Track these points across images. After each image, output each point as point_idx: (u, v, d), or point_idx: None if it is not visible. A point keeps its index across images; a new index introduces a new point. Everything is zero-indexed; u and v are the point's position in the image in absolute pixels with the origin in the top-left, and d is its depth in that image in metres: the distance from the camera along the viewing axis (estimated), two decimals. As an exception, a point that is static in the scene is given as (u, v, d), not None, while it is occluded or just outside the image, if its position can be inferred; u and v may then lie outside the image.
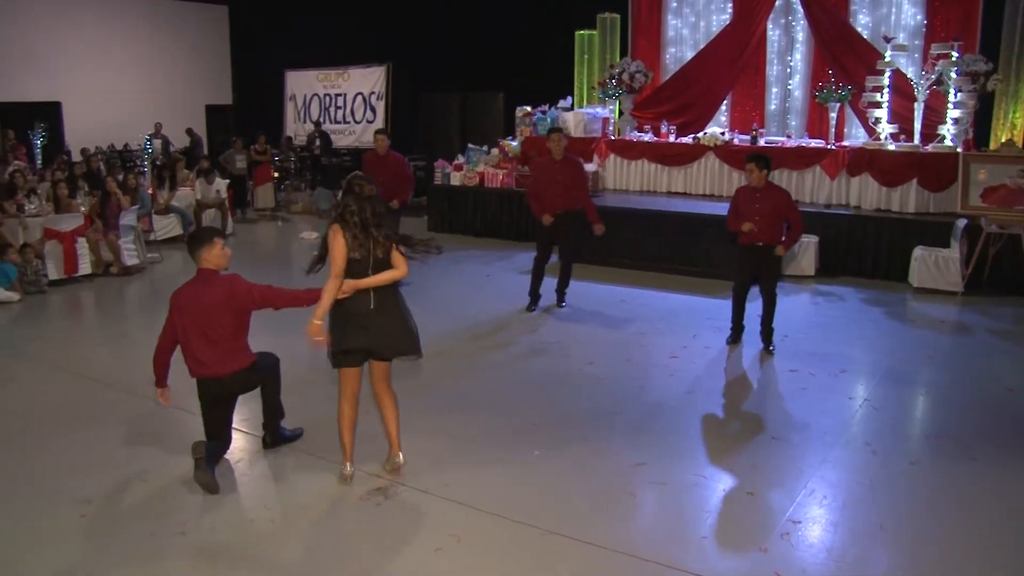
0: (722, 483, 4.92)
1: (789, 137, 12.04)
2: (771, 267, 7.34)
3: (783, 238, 7.20)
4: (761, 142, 11.75)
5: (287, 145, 18.47)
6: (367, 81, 19.48)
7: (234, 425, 5.40)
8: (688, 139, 12.49)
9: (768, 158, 7.36)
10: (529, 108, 13.63)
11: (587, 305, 8.88)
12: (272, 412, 5.37)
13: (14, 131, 16.44)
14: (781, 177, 10.89)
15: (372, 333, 4.66)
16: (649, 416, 5.95)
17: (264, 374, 5.21)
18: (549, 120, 13.13)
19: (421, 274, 9.96)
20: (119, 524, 4.50)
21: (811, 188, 11.19)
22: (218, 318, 4.82)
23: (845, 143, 11.52)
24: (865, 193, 10.77)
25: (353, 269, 4.62)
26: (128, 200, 10.67)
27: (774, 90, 13.00)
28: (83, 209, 10.57)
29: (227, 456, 5.23)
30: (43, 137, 16.17)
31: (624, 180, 12.78)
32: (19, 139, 16.23)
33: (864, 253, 10.25)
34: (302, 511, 4.64)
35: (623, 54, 14.25)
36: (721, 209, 10.52)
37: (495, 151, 13.61)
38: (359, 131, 19.48)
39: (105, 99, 19.11)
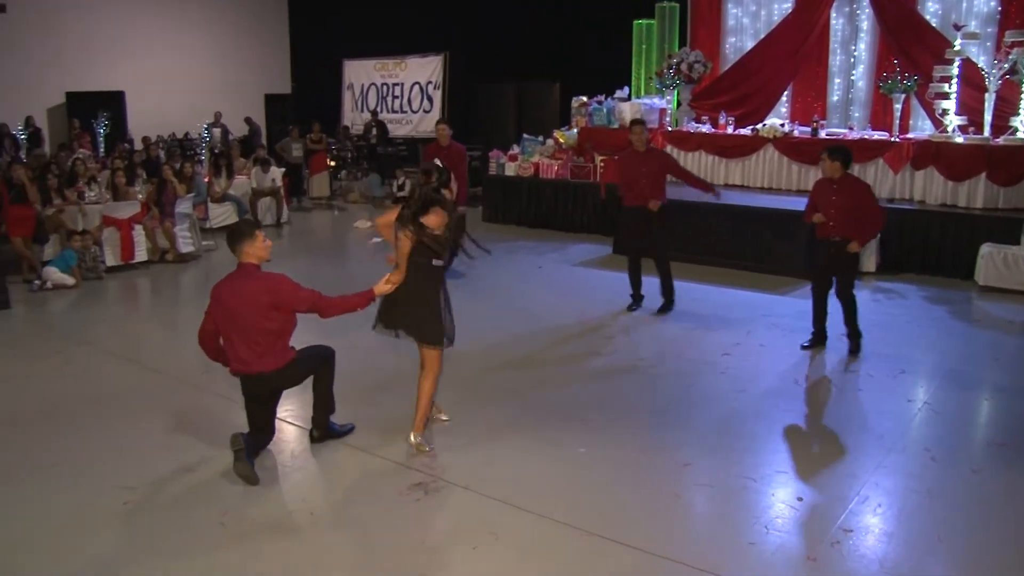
0: (771, 487, 4.75)
1: (851, 129, 11.67)
2: (846, 265, 6.96)
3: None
4: (822, 134, 11.42)
5: (344, 134, 18.57)
6: (424, 70, 19.51)
7: (282, 417, 5.43)
8: (747, 131, 12.21)
9: (844, 149, 6.91)
10: (585, 98, 13.45)
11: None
12: (322, 405, 5.31)
13: (79, 120, 16.84)
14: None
15: (401, 311, 5.04)
16: (698, 415, 5.80)
17: (309, 369, 5.16)
18: (605, 111, 12.96)
19: (473, 265, 9.92)
20: (161, 513, 4.52)
21: (873, 182, 10.76)
22: (256, 315, 4.74)
23: (910, 135, 11.12)
24: (930, 187, 10.41)
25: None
26: (184, 188, 10.81)
27: (837, 80, 12.63)
28: (140, 197, 10.72)
29: (272, 447, 5.22)
30: (106, 126, 16.47)
31: (681, 172, 12.55)
32: (84, 128, 16.60)
33: (928, 249, 9.89)
34: (342, 505, 4.61)
35: (682, 44, 14.01)
36: (780, 202, 10.33)
37: (550, 141, 13.49)
38: (416, 120, 19.54)
39: (167, 88, 19.44)
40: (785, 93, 13.14)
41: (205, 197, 11.90)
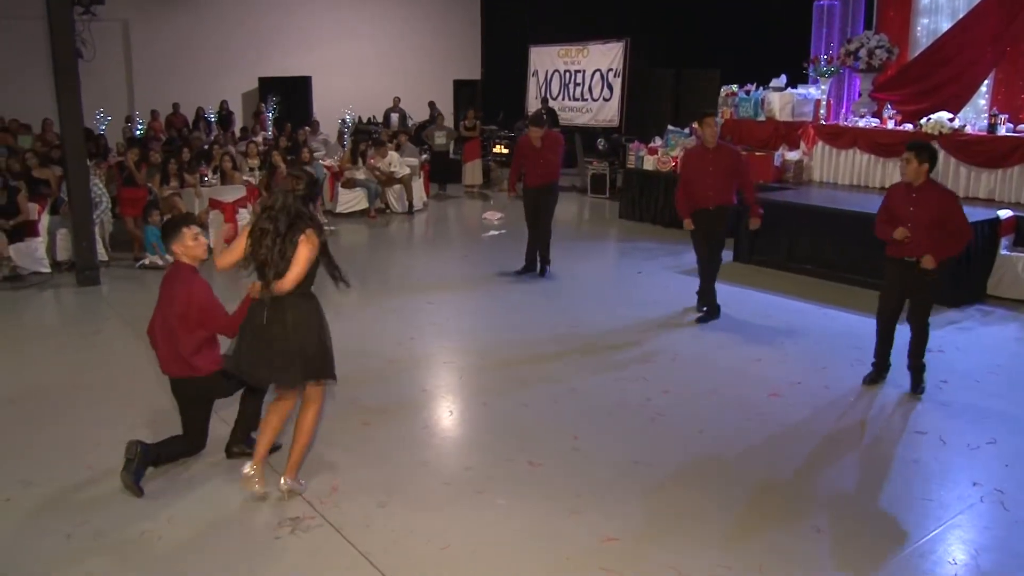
0: (702, 583, 3.68)
1: (1036, 124, 9.61)
2: (922, 289, 5.71)
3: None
4: (1001, 131, 9.48)
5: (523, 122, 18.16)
6: (605, 58, 18.71)
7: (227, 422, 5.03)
8: (909, 126, 10.40)
9: (931, 148, 5.68)
10: (735, 87, 12.11)
11: (725, 314, 7.57)
12: (245, 421, 4.86)
13: (266, 104, 17.62)
14: (1013, 175, 8.62)
15: (259, 349, 4.15)
16: (679, 474, 4.68)
17: (241, 382, 4.69)
18: (752, 101, 11.59)
19: (566, 265, 9.17)
20: (29, 514, 4.26)
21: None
22: (175, 320, 4.44)
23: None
24: None
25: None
26: (292, 174, 10.77)
27: (1053, 66, 10.51)
28: (249, 180, 10.85)
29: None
30: (274, 110, 17.04)
31: (833, 172, 10.97)
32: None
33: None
34: (198, 532, 4.08)
35: (866, 26, 12.31)
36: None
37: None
38: (595, 109, 18.77)
39: (355, 73, 19.87)
40: (986, 82, 11.15)
41: (322, 184, 11.86)
